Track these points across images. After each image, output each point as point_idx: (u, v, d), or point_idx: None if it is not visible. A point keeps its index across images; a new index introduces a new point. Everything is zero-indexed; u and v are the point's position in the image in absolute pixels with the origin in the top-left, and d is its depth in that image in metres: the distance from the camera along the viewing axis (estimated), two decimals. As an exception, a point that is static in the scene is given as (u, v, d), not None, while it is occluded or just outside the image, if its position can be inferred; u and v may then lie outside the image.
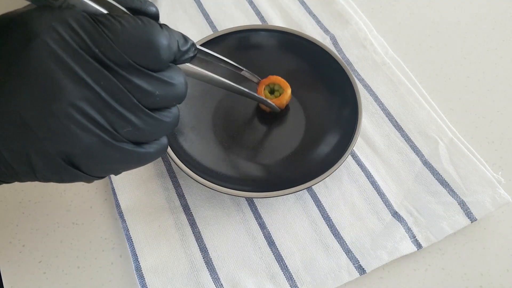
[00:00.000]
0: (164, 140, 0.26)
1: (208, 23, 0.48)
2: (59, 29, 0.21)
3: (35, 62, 0.21)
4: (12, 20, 0.22)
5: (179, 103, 0.25)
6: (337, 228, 0.36)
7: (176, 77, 0.24)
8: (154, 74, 0.23)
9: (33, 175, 0.23)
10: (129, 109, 0.22)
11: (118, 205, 0.37)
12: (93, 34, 0.21)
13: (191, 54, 0.26)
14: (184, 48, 0.25)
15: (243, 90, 0.34)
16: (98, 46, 0.21)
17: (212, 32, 0.47)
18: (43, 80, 0.21)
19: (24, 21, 0.21)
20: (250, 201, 0.38)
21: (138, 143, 0.24)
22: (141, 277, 0.34)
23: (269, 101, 0.38)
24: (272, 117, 0.41)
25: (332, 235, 0.36)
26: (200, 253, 0.35)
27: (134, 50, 0.22)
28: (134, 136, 0.23)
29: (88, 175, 0.24)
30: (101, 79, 0.21)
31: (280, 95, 0.40)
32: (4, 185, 0.39)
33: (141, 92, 0.23)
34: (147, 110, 0.23)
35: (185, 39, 0.25)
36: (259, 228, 0.36)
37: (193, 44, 0.26)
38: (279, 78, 0.40)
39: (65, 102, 0.21)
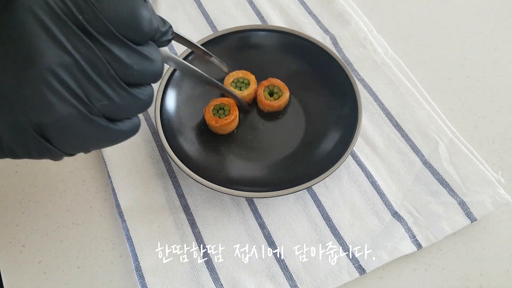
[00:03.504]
0: (136, 119, 0.25)
1: (208, 23, 0.48)
2: None
3: (14, 23, 0.20)
4: None
5: (155, 81, 0.25)
6: (337, 228, 0.36)
7: (155, 53, 0.24)
8: (135, 46, 0.23)
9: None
10: (107, 81, 0.22)
11: (118, 205, 0.37)
12: (77, 0, 0.21)
13: (169, 37, 0.26)
14: (163, 29, 0.25)
15: (215, 82, 0.35)
16: (82, 12, 0.21)
17: (212, 32, 0.47)
18: (21, 43, 0.20)
19: None
20: (250, 201, 0.38)
21: (111, 120, 0.23)
22: (141, 277, 0.34)
23: (237, 95, 0.39)
24: (272, 117, 0.41)
25: (332, 235, 0.36)
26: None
27: (117, 19, 0.22)
28: (108, 111, 0.23)
29: (58, 150, 0.23)
30: (82, 47, 0.21)
31: (279, 97, 0.40)
32: (4, 185, 0.39)
33: (120, 64, 0.22)
34: (124, 84, 0.23)
35: (164, 21, 0.25)
36: (259, 228, 0.36)
37: (171, 27, 0.26)
38: (278, 80, 0.40)
39: (43, 68, 0.20)
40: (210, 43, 0.42)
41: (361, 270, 0.34)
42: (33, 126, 0.21)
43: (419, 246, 0.35)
